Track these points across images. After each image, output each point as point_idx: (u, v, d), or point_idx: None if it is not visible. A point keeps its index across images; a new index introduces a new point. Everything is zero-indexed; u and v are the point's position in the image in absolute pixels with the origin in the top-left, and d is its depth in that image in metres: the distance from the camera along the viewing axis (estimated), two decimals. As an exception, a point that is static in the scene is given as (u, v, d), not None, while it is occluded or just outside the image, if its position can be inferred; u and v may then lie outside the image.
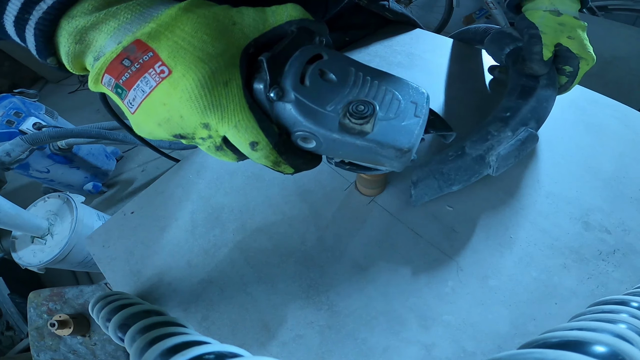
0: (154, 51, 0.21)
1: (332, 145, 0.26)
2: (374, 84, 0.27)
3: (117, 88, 0.22)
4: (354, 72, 0.27)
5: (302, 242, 0.42)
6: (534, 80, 0.43)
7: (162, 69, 0.21)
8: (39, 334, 0.82)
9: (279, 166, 0.27)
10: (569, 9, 0.42)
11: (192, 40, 0.22)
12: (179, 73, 0.21)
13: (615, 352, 0.18)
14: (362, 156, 0.27)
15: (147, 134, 0.25)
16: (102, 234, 0.48)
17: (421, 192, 0.40)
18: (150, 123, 0.23)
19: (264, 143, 0.24)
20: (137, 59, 0.21)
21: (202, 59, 0.21)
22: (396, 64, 0.60)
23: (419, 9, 2.21)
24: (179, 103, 0.22)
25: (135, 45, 0.21)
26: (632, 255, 0.37)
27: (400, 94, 0.27)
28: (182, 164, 0.53)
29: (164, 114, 0.22)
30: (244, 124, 0.23)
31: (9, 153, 1.09)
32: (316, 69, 0.26)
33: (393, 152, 0.26)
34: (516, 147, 0.37)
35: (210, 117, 0.22)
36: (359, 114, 0.25)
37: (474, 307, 0.36)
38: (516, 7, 0.47)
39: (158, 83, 0.21)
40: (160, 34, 0.21)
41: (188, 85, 0.21)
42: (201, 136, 0.24)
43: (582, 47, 0.41)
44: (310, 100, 0.25)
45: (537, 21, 0.42)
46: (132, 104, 0.23)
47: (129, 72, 0.21)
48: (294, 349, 0.36)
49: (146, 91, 0.22)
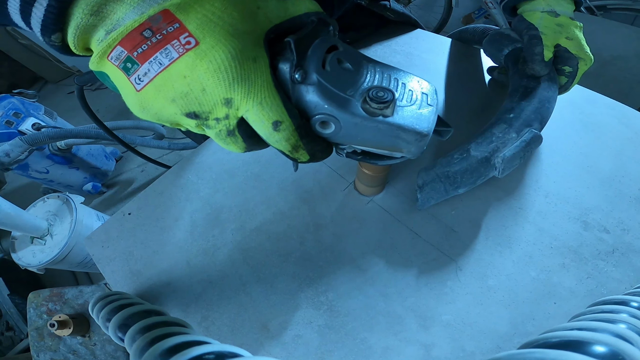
0: (180, 22, 0.21)
1: (352, 130, 0.27)
2: (386, 75, 0.28)
3: (127, 62, 0.22)
4: (366, 64, 0.28)
5: (301, 242, 0.42)
6: (535, 81, 0.43)
7: (189, 40, 0.21)
8: (38, 334, 0.82)
9: (296, 151, 0.26)
10: (565, 9, 0.42)
11: (222, 15, 0.22)
12: (207, 45, 0.21)
13: (615, 352, 0.18)
14: (381, 140, 0.28)
15: (153, 114, 0.24)
16: (101, 234, 0.48)
17: (427, 195, 0.40)
18: (161, 99, 0.23)
19: (288, 123, 0.24)
20: (160, 30, 0.21)
21: (232, 33, 0.22)
22: (395, 64, 0.59)
23: (418, 9, 2.21)
24: (204, 74, 0.21)
25: (162, 15, 0.21)
26: (631, 254, 0.37)
27: (411, 86, 0.28)
28: (182, 164, 0.53)
29: (182, 87, 0.22)
30: (269, 101, 0.23)
31: (8, 153, 1.09)
32: (334, 57, 0.26)
33: (413, 135, 0.26)
34: (521, 149, 0.37)
35: (236, 91, 0.22)
36: (379, 99, 0.25)
37: (473, 307, 0.36)
38: (512, 9, 0.48)
39: (181, 54, 0.21)
40: (189, 7, 0.21)
41: (218, 57, 0.21)
42: (217, 116, 0.23)
43: (580, 47, 0.41)
44: (331, 83, 0.25)
45: (536, 22, 0.42)
46: (141, 79, 0.22)
47: (148, 44, 0.21)
48: (293, 349, 0.36)
49: (164, 64, 0.21)
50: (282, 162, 0.49)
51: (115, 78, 0.23)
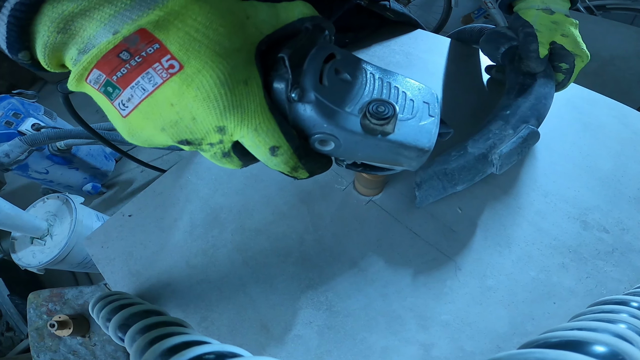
0: (160, 43, 0.19)
1: (353, 147, 0.25)
2: (387, 84, 0.27)
3: (108, 86, 0.19)
4: (365, 72, 0.27)
5: (300, 243, 0.42)
6: (531, 78, 0.43)
7: (172, 63, 0.19)
8: (38, 334, 0.82)
9: (295, 171, 0.25)
10: (560, 7, 0.43)
11: (207, 32, 0.19)
12: (193, 69, 0.19)
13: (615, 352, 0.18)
14: (382, 157, 0.27)
15: (143, 140, 0.22)
16: (100, 234, 0.48)
17: (426, 193, 0.40)
18: (150, 127, 0.21)
19: (286, 147, 0.23)
20: (138, 52, 0.18)
21: (219, 53, 0.19)
22: (394, 64, 0.60)
23: (417, 9, 2.21)
24: (193, 103, 0.19)
25: (139, 35, 0.18)
26: (630, 254, 0.37)
27: (412, 95, 0.27)
28: (181, 165, 0.53)
29: (171, 116, 0.20)
30: (265, 127, 0.21)
31: (8, 154, 1.09)
32: (332, 68, 0.25)
33: (415, 152, 0.26)
34: (518, 145, 0.37)
35: (229, 120, 0.20)
36: (379, 114, 0.24)
37: (473, 307, 0.36)
38: (508, 6, 0.48)
39: (165, 80, 0.19)
40: (169, 24, 0.19)
41: (206, 83, 0.19)
42: (210, 142, 0.22)
43: (576, 44, 0.42)
44: (330, 100, 0.24)
45: (532, 20, 0.42)
46: (125, 105, 0.20)
47: (127, 67, 0.19)
48: (292, 349, 0.36)
49: (148, 89, 0.19)
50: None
51: (98, 101, 0.21)
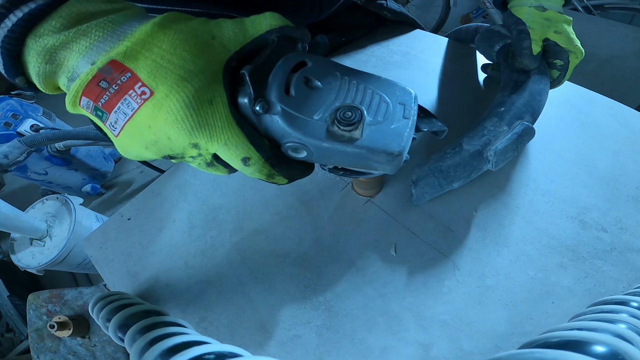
0: (131, 71, 0.20)
1: (323, 154, 0.26)
2: (360, 87, 0.27)
3: (97, 111, 0.22)
4: (339, 76, 0.27)
5: (299, 243, 0.42)
6: (525, 75, 0.43)
7: (143, 89, 0.20)
8: (38, 335, 0.82)
9: (272, 178, 0.26)
10: (553, 4, 0.43)
11: (172, 58, 0.21)
12: (161, 94, 0.20)
13: (615, 352, 0.18)
14: (354, 162, 0.27)
15: (135, 156, 0.25)
16: (99, 235, 0.48)
17: (422, 191, 0.40)
18: (136, 146, 0.23)
19: (256, 158, 0.24)
20: (114, 80, 0.20)
21: (184, 77, 0.21)
22: (392, 64, 0.60)
23: (416, 9, 2.22)
24: (165, 125, 0.21)
25: (112, 67, 0.20)
26: (629, 253, 0.37)
27: (387, 96, 0.27)
28: (179, 165, 0.53)
29: (150, 136, 0.22)
30: (233, 141, 0.23)
31: (7, 155, 1.09)
32: (300, 77, 0.25)
33: (384, 156, 0.25)
34: (513, 141, 0.37)
35: (198, 137, 0.22)
36: (346, 120, 0.24)
37: (471, 307, 0.36)
38: (502, 4, 0.48)
39: (140, 105, 0.21)
40: (136, 53, 0.21)
41: (173, 107, 0.21)
42: (191, 155, 0.23)
43: (569, 40, 0.42)
44: (296, 110, 0.24)
45: (524, 17, 0.43)
46: (114, 126, 0.22)
47: (108, 94, 0.21)
48: (291, 349, 0.36)
49: (128, 114, 0.21)
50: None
51: (94, 121, 0.24)
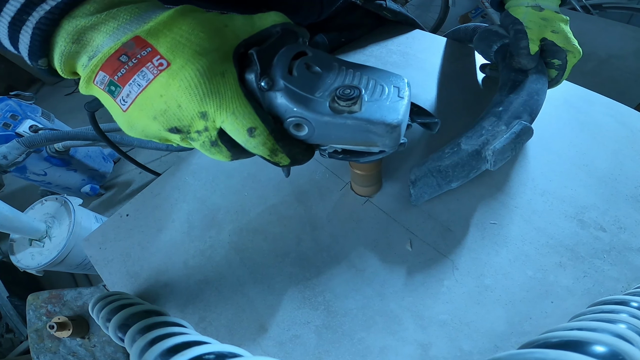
0: (152, 46, 0.23)
1: (324, 130, 0.27)
2: (357, 74, 0.29)
3: (111, 85, 0.23)
4: (337, 65, 0.29)
5: (297, 243, 0.42)
6: (523, 75, 0.43)
7: (161, 61, 0.23)
8: (38, 336, 0.82)
9: (275, 155, 0.27)
10: (550, 3, 0.43)
11: (190, 37, 0.23)
12: (177, 65, 0.23)
13: (615, 352, 0.18)
14: (354, 137, 0.28)
15: (140, 131, 0.26)
16: (98, 236, 0.48)
17: (420, 190, 0.40)
18: (144, 118, 0.24)
19: (262, 128, 0.25)
20: (134, 55, 0.23)
21: (199, 52, 0.23)
22: (391, 64, 0.60)
23: (415, 9, 2.21)
24: (177, 92, 0.23)
25: (134, 42, 0.23)
26: (628, 252, 0.37)
27: (382, 81, 0.29)
28: (178, 166, 0.53)
29: (160, 105, 0.23)
30: (241, 110, 0.24)
31: (6, 156, 1.09)
32: (302, 62, 0.28)
33: (383, 127, 0.27)
34: (511, 140, 0.37)
35: (209, 104, 0.24)
36: (345, 96, 0.26)
37: (470, 306, 0.36)
38: (499, 4, 0.49)
39: (156, 75, 0.23)
40: (158, 32, 0.23)
41: (187, 75, 0.23)
42: (197, 129, 0.25)
43: (567, 40, 0.42)
44: (298, 87, 0.26)
45: (521, 17, 0.43)
46: (125, 100, 0.24)
47: (126, 68, 0.23)
48: (290, 349, 0.36)
49: (142, 85, 0.23)
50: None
51: (104, 100, 0.25)
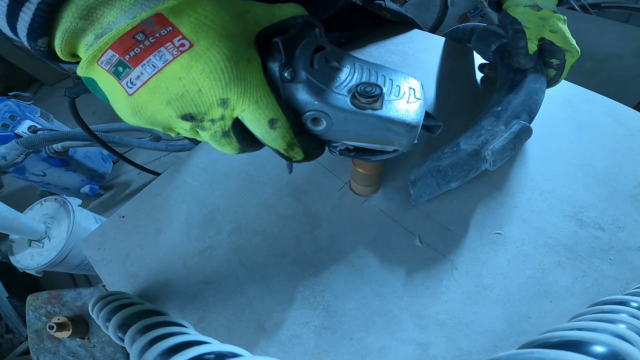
0: (174, 26, 0.21)
1: (343, 125, 0.27)
2: (374, 72, 0.29)
3: (119, 66, 0.22)
4: (353, 63, 0.29)
5: (296, 243, 0.42)
6: (522, 74, 0.43)
7: (183, 42, 0.21)
8: (38, 336, 0.82)
9: (291, 149, 0.27)
10: (548, 3, 0.43)
11: (214, 18, 0.22)
12: (202, 47, 0.21)
13: (615, 352, 0.18)
14: (372, 134, 0.28)
15: (147, 118, 0.24)
16: (97, 236, 0.48)
17: (420, 191, 0.41)
18: (155, 102, 0.23)
19: (283, 120, 0.25)
20: (153, 33, 0.21)
21: (225, 35, 0.22)
22: (390, 64, 0.60)
23: (413, 8, 2.21)
24: (200, 76, 0.22)
25: (155, 19, 0.21)
26: (627, 252, 0.37)
27: (397, 81, 0.29)
28: (178, 166, 0.53)
29: (178, 89, 0.22)
30: (265, 100, 0.24)
31: (5, 156, 1.09)
32: (322, 56, 0.27)
33: (403, 127, 0.27)
34: (510, 140, 0.38)
35: (233, 91, 0.23)
36: (367, 94, 0.26)
37: (469, 306, 0.36)
38: (497, 4, 0.49)
39: (176, 56, 0.21)
40: (181, 11, 0.21)
41: (214, 58, 0.22)
42: (212, 117, 0.24)
43: (565, 39, 0.42)
44: (320, 81, 0.26)
45: (519, 16, 0.43)
46: (133, 83, 0.22)
47: (141, 47, 0.21)
48: (289, 349, 0.36)
49: (158, 66, 0.21)
50: (278, 163, 0.49)
51: (104, 83, 0.23)
